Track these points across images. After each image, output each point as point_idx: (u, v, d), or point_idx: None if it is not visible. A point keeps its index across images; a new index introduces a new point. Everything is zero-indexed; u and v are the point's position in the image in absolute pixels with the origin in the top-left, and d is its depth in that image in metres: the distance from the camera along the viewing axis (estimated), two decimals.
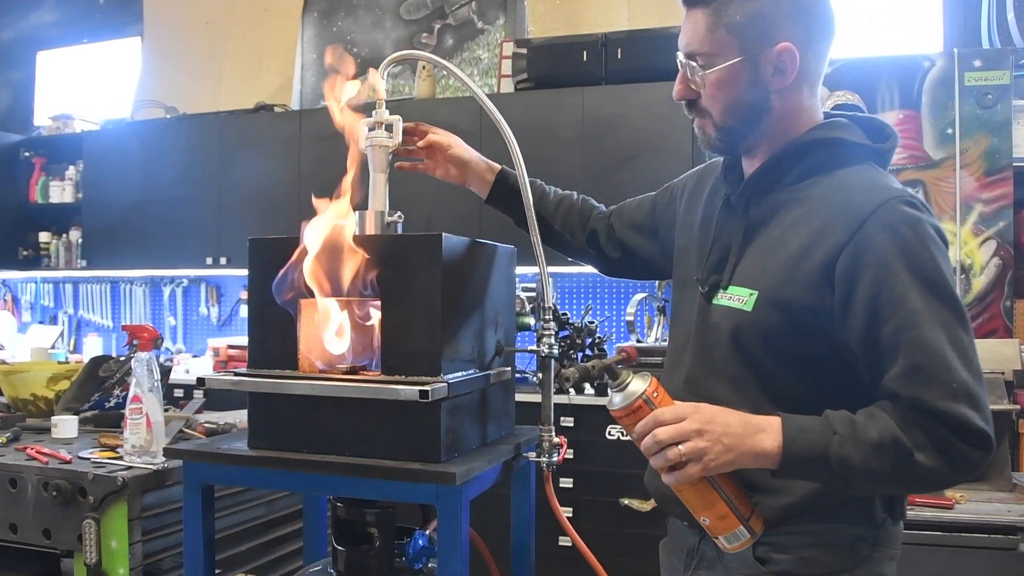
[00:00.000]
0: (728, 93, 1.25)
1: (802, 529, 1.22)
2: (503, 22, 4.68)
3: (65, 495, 1.78)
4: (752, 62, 1.22)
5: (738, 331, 1.24)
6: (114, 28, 5.55)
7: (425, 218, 3.86)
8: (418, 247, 1.50)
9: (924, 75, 3.50)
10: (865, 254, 1.14)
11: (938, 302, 1.12)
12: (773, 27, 1.21)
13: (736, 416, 1.15)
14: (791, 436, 1.12)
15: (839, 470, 1.11)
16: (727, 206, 1.34)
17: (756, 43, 1.21)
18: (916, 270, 1.12)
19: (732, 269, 1.27)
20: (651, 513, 3.29)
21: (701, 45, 1.24)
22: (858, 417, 1.13)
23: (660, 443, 1.12)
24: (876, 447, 1.09)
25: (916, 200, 1.18)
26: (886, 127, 1.30)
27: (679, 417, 1.13)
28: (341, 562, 1.59)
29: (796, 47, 1.21)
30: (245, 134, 4.63)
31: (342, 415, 1.50)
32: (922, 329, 1.10)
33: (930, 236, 1.14)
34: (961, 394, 1.09)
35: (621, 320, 4.11)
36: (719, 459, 1.12)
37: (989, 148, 3.43)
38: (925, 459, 1.09)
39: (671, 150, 3.76)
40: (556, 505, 1.67)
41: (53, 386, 2.43)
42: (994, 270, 3.44)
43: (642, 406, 1.15)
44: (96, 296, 5.38)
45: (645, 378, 1.17)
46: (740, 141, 1.30)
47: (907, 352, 1.11)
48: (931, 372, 1.09)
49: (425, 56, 1.83)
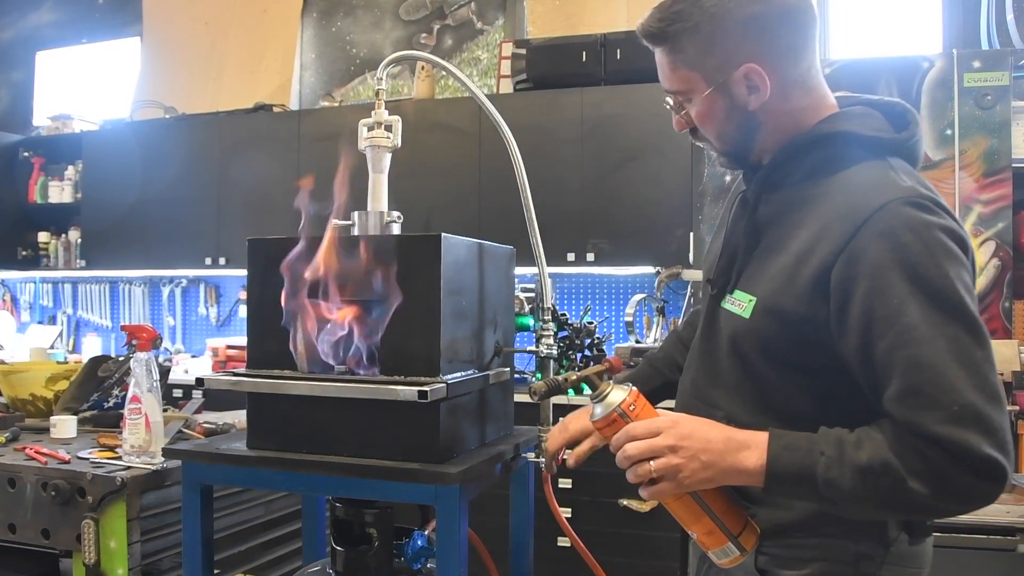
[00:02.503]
0: (713, 123, 1.23)
1: (805, 543, 1.18)
2: (502, 23, 4.68)
3: (64, 495, 1.78)
4: (722, 90, 1.19)
5: (736, 337, 1.20)
6: (113, 28, 5.55)
7: (424, 219, 3.86)
8: (417, 248, 1.50)
9: (923, 76, 3.50)
10: (860, 263, 1.06)
11: (943, 315, 1.02)
12: (728, 53, 1.17)
13: (719, 431, 1.10)
14: (775, 455, 1.07)
15: (826, 492, 1.05)
16: (743, 204, 1.29)
17: (718, 71, 1.18)
18: (916, 280, 1.03)
19: (738, 272, 1.23)
20: (650, 514, 3.29)
21: (673, 84, 1.23)
22: (849, 437, 1.06)
23: (630, 459, 1.09)
24: (864, 471, 1.02)
25: (927, 200, 1.08)
26: (907, 112, 1.22)
27: (652, 432, 1.09)
28: (340, 562, 1.59)
29: (760, 63, 1.16)
30: (244, 134, 4.63)
31: (341, 415, 1.50)
32: (919, 346, 1.02)
33: (937, 241, 1.05)
34: (966, 418, 0.99)
35: (620, 321, 4.11)
36: (695, 476, 1.08)
37: (988, 149, 3.43)
38: (919, 487, 1.01)
39: (670, 150, 3.76)
40: (555, 506, 1.67)
41: (52, 386, 2.42)
42: (993, 271, 3.44)
43: (617, 419, 1.12)
44: (95, 296, 5.38)
45: (624, 389, 1.14)
46: (746, 156, 1.26)
47: (902, 372, 1.03)
48: (928, 393, 1.01)
49: (424, 56, 1.83)
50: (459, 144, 4.01)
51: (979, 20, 3.84)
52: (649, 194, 3.83)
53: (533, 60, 4.05)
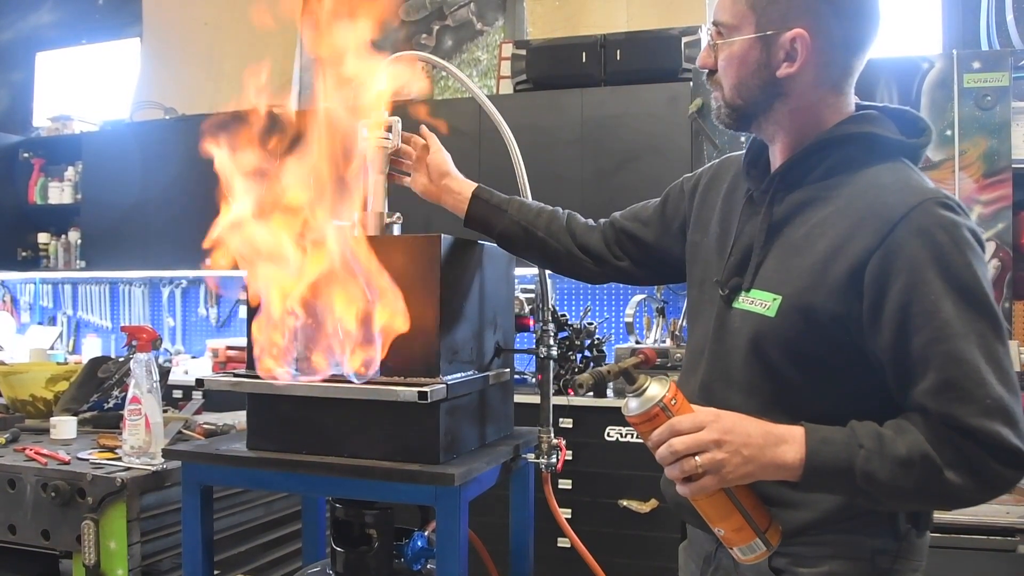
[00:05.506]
0: (737, 69, 1.21)
1: (820, 540, 1.18)
2: (502, 23, 4.68)
3: (64, 496, 1.78)
4: (764, 42, 1.18)
5: (759, 337, 1.18)
6: (113, 29, 5.54)
7: (424, 219, 3.86)
8: (417, 248, 1.50)
9: (923, 77, 3.50)
10: (896, 260, 1.08)
11: (973, 312, 1.06)
12: (793, 10, 1.16)
13: (757, 425, 1.09)
14: (814, 448, 1.07)
15: (864, 485, 1.06)
16: (750, 202, 1.28)
17: (772, 23, 1.17)
18: (950, 278, 1.06)
19: (755, 271, 1.22)
20: (650, 514, 3.29)
21: (724, 14, 1.22)
22: (886, 430, 1.08)
23: (676, 453, 1.07)
24: (904, 463, 1.05)
25: (952, 201, 1.11)
26: (919, 120, 1.23)
27: (697, 426, 1.07)
28: (340, 563, 1.59)
29: (811, 36, 1.16)
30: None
31: (341, 416, 1.50)
32: (955, 342, 1.05)
33: (966, 241, 1.08)
34: (995, 411, 1.03)
35: (620, 321, 4.11)
36: (737, 471, 1.07)
37: (988, 150, 3.43)
38: (955, 477, 1.04)
39: (670, 151, 3.76)
40: (555, 506, 1.67)
41: (52, 387, 2.42)
42: (992, 272, 3.44)
43: (659, 413, 1.09)
44: (95, 297, 5.38)
45: (663, 383, 1.11)
46: (749, 121, 1.25)
47: (939, 366, 1.05)
48: (965, 388, 1.04)
49: (425, 56, 1.83)
50: (459, 144, 3.99)
51: (979, 21, 3.84)
52: (649, 195, 3.78)
53: (533, 61, 4.05)
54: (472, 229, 1.62)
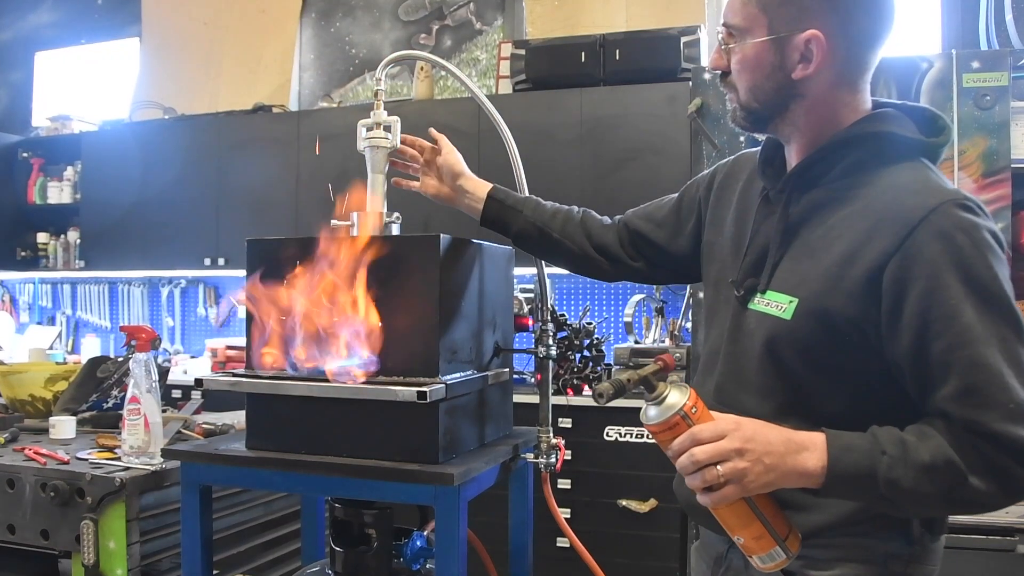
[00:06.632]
0: (751, 73, 1.19)
1: (833, 543, 1.16)
2: (501, 23, 4.68)
3: (63, 496, 1.78)
4: (778, 44, 1.16)
5: (774, 340, 1.16)
6: (112, 29, 5.54)
7: (423, 219, 3.86)
8: (416, 248, 1.50)
9: (922, 76, 3.50)
10: (915, 264, 1.06)
11: (994, 315, 1.04)
12: (806, 12, 1.14)
13: (778, 433, 1.07)
14: (836, 456, 1.05)
15: (887, 492, 1.04)
16: (765, 202, 1.26)
17: (785, 25, 1.15)
18: (971, 281, 1.04)
19: (771, 272, 1.20)
20: (649, 514, 3.29)
21: (734, 16, 1.19)
22: (908, 437, 1.05)
23: (698, 463, 1.04)
24: (928, 469, 1.03)
25: (972, 202, 1.09)
26: (938, 118, 1.21)
27: (719, 435, 1.04)
28: (339, 563, 1.59)
29: (826, 37, 1.14)
30: (243, 135, 4.63)
31: (340, 416, 1.50)
32: (977, 347, 1.03)
33: (987, 243, 1.06)
34: (1019, 415, 1.01)
35: (619, 321, 4.11)
36: (759, 480, 1.04)
37: (987, 150, 3.43)
38: (980, 483, 1.03)
39: (669, 151, 3.76)
40: (554, 506, 1.67)
41: (51, 387, 2.42)
42: None
43: (679, 422, 1.06)
44: (94, 297, 5.38)
45: (683, 391, 1.08)
46: (765, 123, 1.23)
47: (960, 371, 1.03)
48: (987, 393, 1.02)
49: (424, 56, 1.83)
50: (458, 144, 3.99)
51: (978, 20, 3.84)
52: (648, 194, 3.78)
53: (532, 61, 4.05)
54: (489, 229, 1.63)
